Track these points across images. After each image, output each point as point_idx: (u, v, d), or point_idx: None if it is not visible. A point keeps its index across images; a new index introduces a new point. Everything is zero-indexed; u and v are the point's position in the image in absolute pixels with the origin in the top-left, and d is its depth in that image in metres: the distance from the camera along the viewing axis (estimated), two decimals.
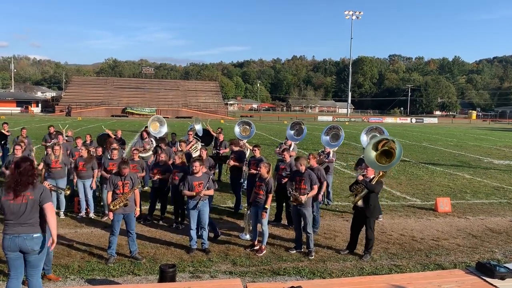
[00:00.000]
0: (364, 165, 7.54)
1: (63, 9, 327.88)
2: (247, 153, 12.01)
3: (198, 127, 14.11)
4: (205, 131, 14.52)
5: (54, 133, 12.92)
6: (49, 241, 4.65)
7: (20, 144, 9.51)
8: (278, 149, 10.81)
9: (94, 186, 9.36)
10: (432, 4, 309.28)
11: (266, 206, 7.26)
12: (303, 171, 7.41)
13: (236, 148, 10.34)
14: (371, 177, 7.32)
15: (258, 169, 7.57)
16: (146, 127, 13.08)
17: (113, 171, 7.63)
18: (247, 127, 12.98)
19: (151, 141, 12.49)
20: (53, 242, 4.59)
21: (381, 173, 7.40)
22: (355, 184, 7.40)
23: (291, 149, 10.61)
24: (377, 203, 7.49)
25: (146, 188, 11.26)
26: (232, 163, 9.97)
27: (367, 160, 7.43)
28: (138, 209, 7.06)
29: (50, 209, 4.65)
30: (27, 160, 4.74)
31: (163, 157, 9.17)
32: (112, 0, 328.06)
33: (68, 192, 6.74)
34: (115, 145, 9.99)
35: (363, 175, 7.36)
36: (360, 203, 7.23)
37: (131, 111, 67.65)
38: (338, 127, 11.27)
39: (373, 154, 7.36)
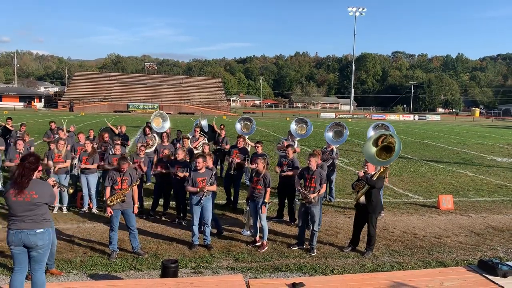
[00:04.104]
0: (364, 161, 7.49)
1: (66, 5, 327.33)
2: (249, 149, 11.99)
3: (204, 123, 14.07)
4: (210, 127, 14.52)
5: (56, 128, 12.96)
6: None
7: (22, 139, 9.55)
8: (279, 144, 10.79)
9: (81, 166, 9.08)
10: (436, 1, 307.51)
11: (265, 201, 7.25)
12: (314, 169, 7.35)
13: (240, 145, 10.25)
14: (372, 173, 7.31)
15: (256, 164, 7.54)
16: (148, 122, 13.08)
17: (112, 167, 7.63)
18: (248, 123, 12.97)
19: (154, 136, 12.50)
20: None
21: (381, 169, 7.39)
22: (357, 181, 7.38)
23: (295, 146, 10.61)
24: (379, 199, 7.48)
25: (148, 183, 11.29)
26: (237, 160, 9.93)
27: (367, 156, 7.42)
28: (136, 205, 7.02)
29: None
30: (33, 155, 4.78)
31: (166, 152, 9.20)
32: None
33: (71, 191, 6.80)
34: (117, 141, 10.03)
35: (364, 172, 7.35)
36: (362, 199, 7.22)
37: (134, 109, 67.70)
38: (343, 125, 11.24)
39: (373, 149, 7.35)
